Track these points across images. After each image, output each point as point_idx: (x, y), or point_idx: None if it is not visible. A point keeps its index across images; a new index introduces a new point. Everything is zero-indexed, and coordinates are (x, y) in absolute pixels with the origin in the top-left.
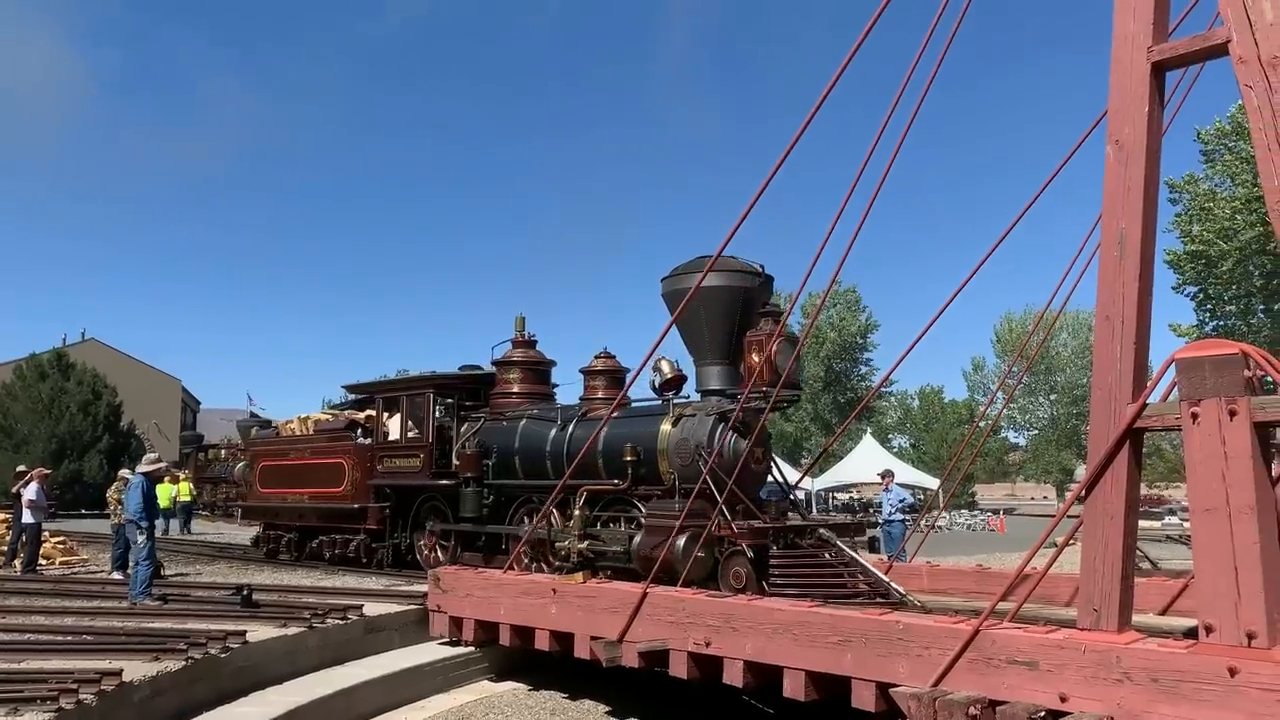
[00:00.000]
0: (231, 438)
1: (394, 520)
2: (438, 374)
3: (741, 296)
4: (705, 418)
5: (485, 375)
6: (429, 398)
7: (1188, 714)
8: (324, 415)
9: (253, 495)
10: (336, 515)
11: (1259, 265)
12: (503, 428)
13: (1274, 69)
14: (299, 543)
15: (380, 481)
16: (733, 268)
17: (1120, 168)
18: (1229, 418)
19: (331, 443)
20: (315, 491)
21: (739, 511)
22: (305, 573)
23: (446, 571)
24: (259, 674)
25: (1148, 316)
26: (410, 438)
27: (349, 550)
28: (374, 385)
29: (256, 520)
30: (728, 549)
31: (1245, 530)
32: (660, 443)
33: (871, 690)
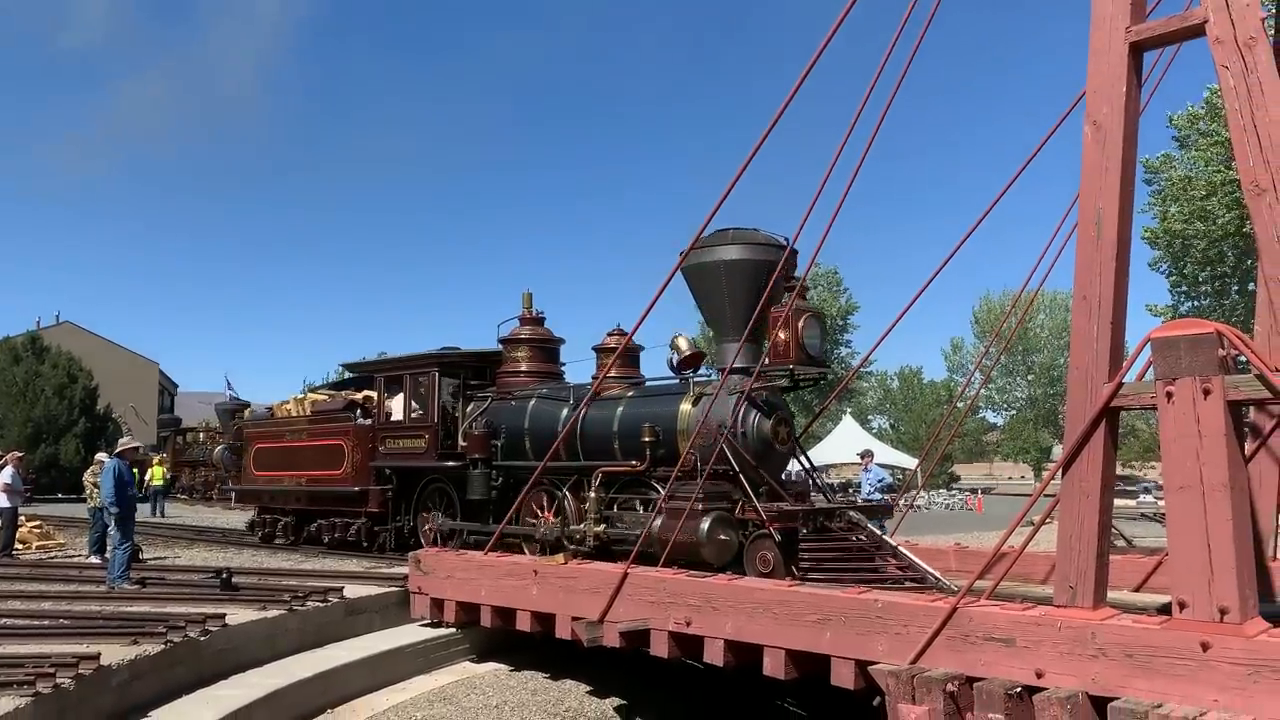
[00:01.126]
0: (210, 421)
1: (396, 503)
2: (443, 351)
3: (765, 270)
4: (727, 396)
5: (491, 353)
6: (434, 376)
7: (1161, 688)
8: (321, 395)
9: (247, 478)
10: (336, 498)
11: (1234, 247)
12: (511, 407)
13: (1250, 49)
14: (296, 526)
15: (382, 463)
16: (755, 240)
17: (1098, 147)
18: (1203, 396)
19: (330, 423)
20: (313, 474)
21: (763, 494)
22: (285, 555)
23: (427, 553)
24: (239, 657)
25: (1124, 296)
26: (414, 418)
27: (349, 534)
28: (376, 364)
29: (251, 504)
30: (753, 532)
31: (1218, 508)
32: (680, 422)
33: (851, 668)
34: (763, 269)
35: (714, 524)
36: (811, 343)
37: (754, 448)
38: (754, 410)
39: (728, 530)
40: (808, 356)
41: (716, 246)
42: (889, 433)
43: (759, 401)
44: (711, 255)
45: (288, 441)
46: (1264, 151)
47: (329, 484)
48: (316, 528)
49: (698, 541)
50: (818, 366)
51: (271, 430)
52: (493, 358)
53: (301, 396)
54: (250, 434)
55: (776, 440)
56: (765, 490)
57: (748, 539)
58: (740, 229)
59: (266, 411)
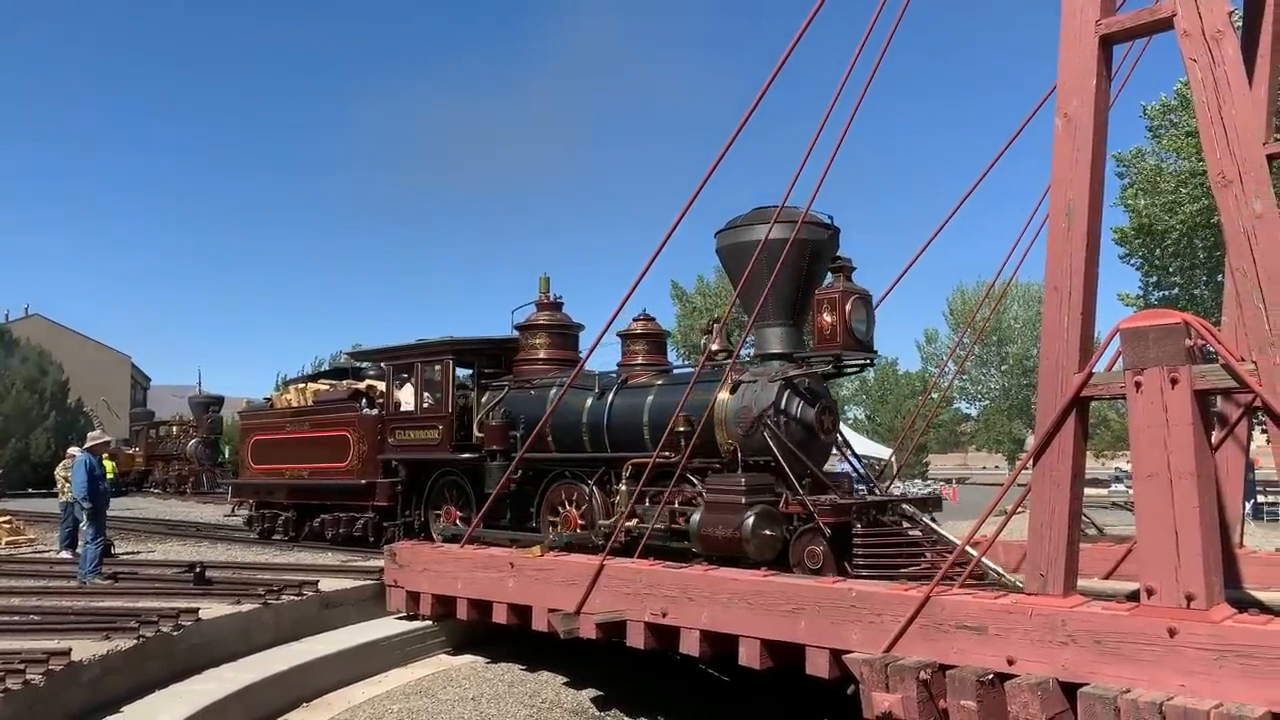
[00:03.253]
0: (183, 415)
1: (406, 497)
2: (457, 338)
3: (809, 250)
4: (769, 383)
5: (507, 340)
6: (448, 364)
7: (1129, 674)
8: (322, 385)
9: (245, 472)
10: (341, 492)
11: (1203, 239)
12: (531, 396)
13: (1217, 42)
14: (297, 522)
15: (392, 456)
16: (798, 218)
17: (1069, 140)
18: (1170, 386)
19: (334, 414)
20: (316, 467)
21: (806, 485)
22: (260, 549)
23: (403, 546)
24: (213, 651)
25: (1094, 287)
26: (426, 408)
27: (355, 529)
28: (383, 351)
29: (248, 499)
30: (799, 527)
31: (1185, 495)
32: (718, 411)
33: (825, 657)
34: (805, 248)
35: (758, 518)
36: (859, 326)
37: (797, 437)
38: (797, 397)
39: (772, 525)
40: (855, 341)
41: (755, 225)
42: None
43: (801, 388)
44: (750, 235)
45: (288, 433)
46: (1230, 144)
47: (333, 477)
48: (320, 523)
49: (741, 537)
50: (865, 351)
51: (271, 422)
52: (509, 345)
53: (302, 386)
54: (248, 426)
55: (821, 429)
56: (808, 482)
57: (793, 534)
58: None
59: (265, 403)
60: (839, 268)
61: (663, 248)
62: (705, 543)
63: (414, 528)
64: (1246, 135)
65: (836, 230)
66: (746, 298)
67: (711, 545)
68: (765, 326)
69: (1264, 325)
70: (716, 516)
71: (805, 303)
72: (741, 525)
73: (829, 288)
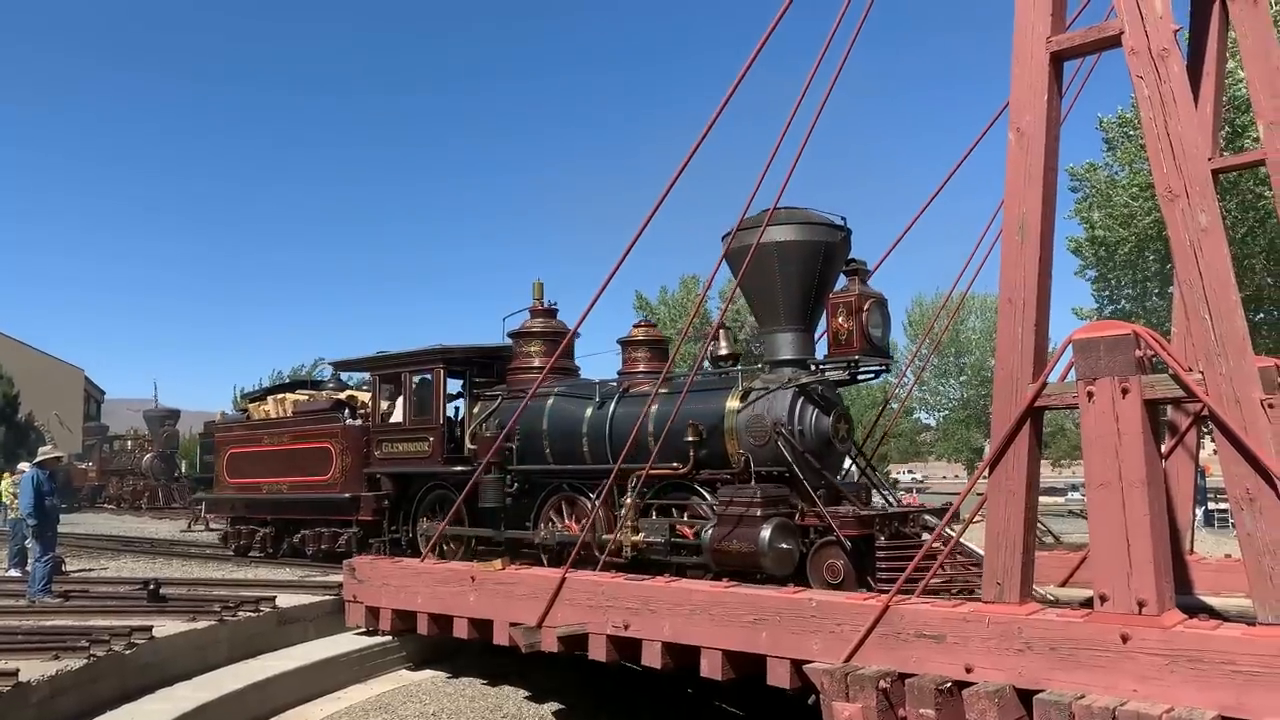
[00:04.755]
0: (138, 429)
1: (393, 512)
2: (448, 346)
3: (821, 252)
4: (781, 391)
5: (500, 349)
6: (438, 374)
7: (1084, 680)
8: (301, 395)
9: (220, 486)
10: (323, 506)
11: (1155, 252)
12: (527, 406)
13: (1163, 60)
14: (276, 537)
15: (380, 469)
16: (809, 220)
17: (1021, 154)
18: (1121, 395)
19: (315, 425)
20: (296, 480)
21: (822, 497)
22: (217, 565)
23: (362, 561)
24: (167, 670)
25: (1047, 299)
26: (415, 419)
27: (338, 545)
28: (369, 360)
29: (223, 514)
30: (817, 539)
31: (1137, 503)
32: (727, 420)
33: (786, 667)
34: (818, 251)
35: (776, 531)
36: (875, 331)
37: (812, 447)
38: (811, 406)
39: (789, 538)
40: (871, 346)
41: (768, 227)
42: None
43: (815, 396)
44: (763, 237)
45: (266, 445)
46: (1176, 159)
47: (315, 491)
48: (300, 538)
49: (758, 551)
50: (881, 357)
51: (247, 434)
52: (500, 353)
53: (281, 397)
54: (223, 438)
55: (836, 438)
56: (823, 493)
57: (810, 547)
58: (792, 208)
59: (241, 414)
60: (854, 270)
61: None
62: (718, 557)
63: (401, 544)
64: (1192, 151)
65: (849, 232)
66: (756, 303)
67: (725, 560)
68: (776, 332)
69: (1210, 336)
70: (731, 530)
71: (817, 307)
72: (758, 539)
73: (844, 291)
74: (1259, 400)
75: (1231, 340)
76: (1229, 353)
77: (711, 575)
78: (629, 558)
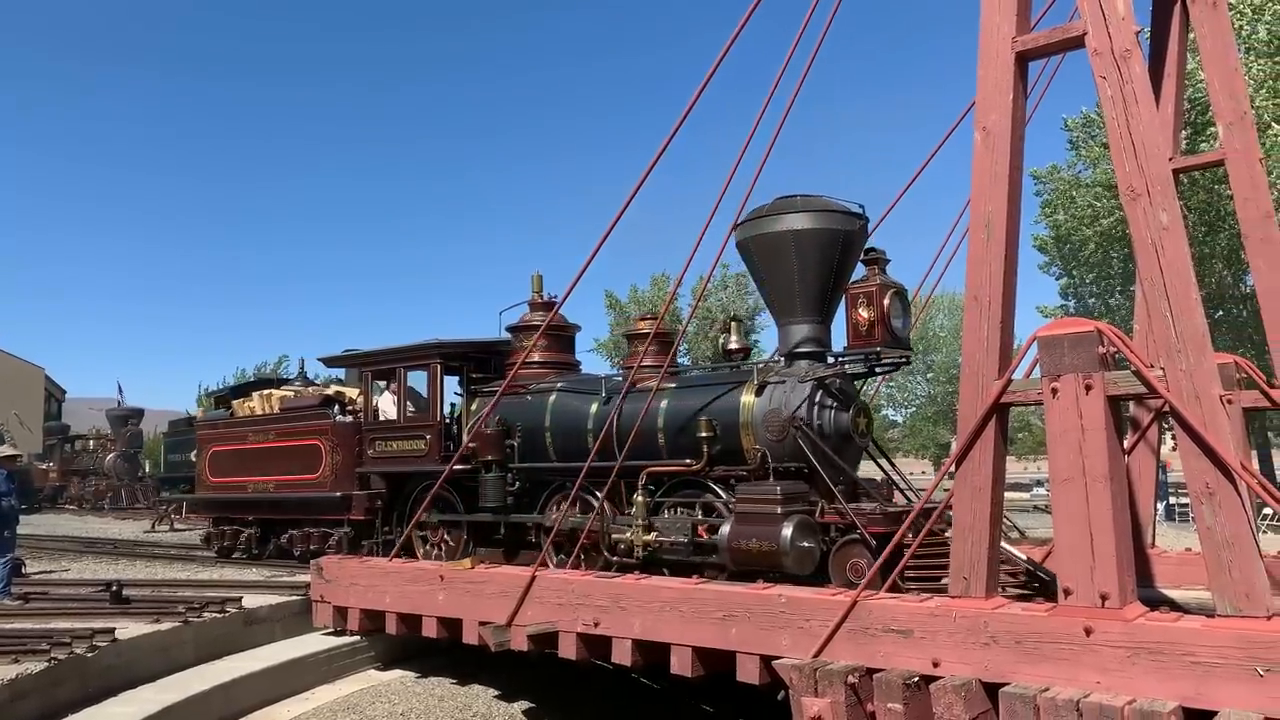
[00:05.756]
0: (100, 428)
1: (387, 512)
2: (445, 341)
3: (840, 241)
4: (799, 384)
5: (498, 343)
6: (435, 369)
7: (1048, 673)
8: (286, 392)
9: (202, 486)
10: (312, 505)
11: (1118, 251)
12: (527, 402)
13: (1125, 61)
14: (261, 538)
15: (374, 469)
16: (828, 207)
17: (987, 153)
18: (1085, 392)
19: (304, 422)
20: (283, 479)
21: (841, 493)
22: (182, 566)
23: (329, 561)
24: (131, 672)
25: (1013, 297)
26: (411, 416)
27: (328, 545)
28: (362, 356)
29: (206, 515)
30: (838, 538)
31: (1100, 498)
32: (742, 415)
33: (756, 663)
34: (837, 239)
35: (797, 529)
36: (897, 322)
37: (831, 442)
38: (830, 399)
39: (810, 536)
40: (893, 338)
41: (784, 215)
42: None
43: (833, 389)
44: (778, 225)
45: (251, 443)
46: (1139, 158)
47: (304, 489)
48: (287, 539)
49: (779, 549)
50: (902, 349)
51: (232, 431)
52: (498, 348)
53: (267, 393)
54: (205, 436)
55: (856, 433)
56: (842, 489)
57: (831, 545)
58: (809, 196)
59: (225, 411)
60: (874, 260)
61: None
62: (736, 556)
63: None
64: (1153, 151)
65: (867, 220)
66: (771, 293)
67: (744, 559)
68: (792, 324)
69: (1171, 333)
70: (749, 528)
71: (834, 298)
72: (779, 537)
73: (863, 281)
74: (1218, 396)
75: (1192, 337)
76: (1189, 349)
77: (727, 575)
78: (640, 558)
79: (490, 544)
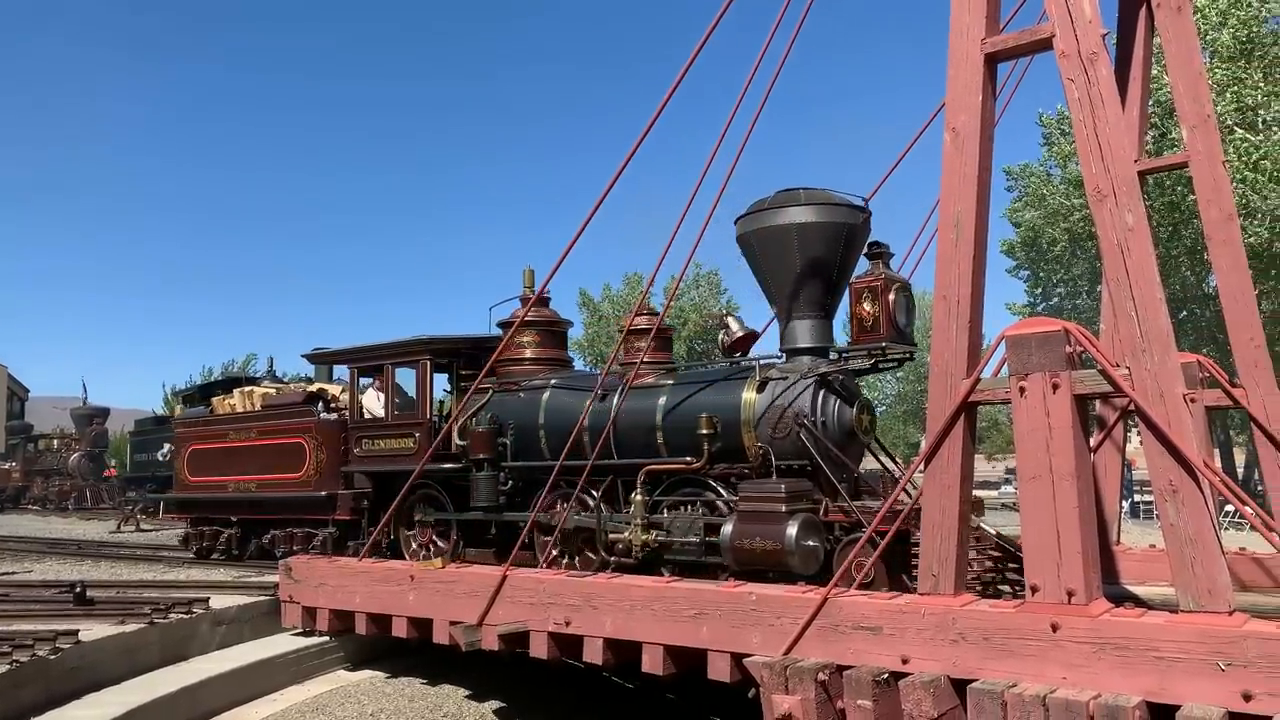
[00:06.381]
0: (64, 427)
1: (374, 512)
2: (435, 337)
3: (844, 235)
4: (802, 381)
5: (489, 339)
6: (425, 366)
7: (1015, 669)
8: (269, 389)
9: (180, 486)
10: (296, 505)
11: (1084, 250)
12: (520, 400)
13: (1093, 63)
14: (242, 539)
15: (360, 468)
16: (829, 200)
17: (957, 154)
18: (1052, 390)
19: (287, 419)
20: (266, 478)
21: (844, 492)
22: (148, 567)
23: (298, 561)
24: (94, 674)
25: (981, 296)
26: (399, 414)
27: (312, 546)
28: (348, 352)
29: (184, 515)
30: (841, 537)
31: (1066, 496)
32: (743, 412)
33: (727, 661)
34: (840, 233)
35: (802, 528)
36: (901, 317)
37: (835, 439)
38: (833, 396)
39: (815, 535)
40: (898, 333)
41: (786, 208)
42: None
43: (837, 386)
44: (780, 218)
45: (233, 441)
46: (1105, 160)
47: (287, 489)
48: (270, 539)
49: (785, 549)
50: (906, 344)
51: (212, 430)
52: (489, 344)
53: (248, 390)
54: (184, 434)
55: (860, 430)
56: (846, 487)
57: (835, 544)
58: (811, 189)
59: (205, 409)
60: (878, 254)
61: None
62: (739, 555)
63: (381, 546)
64: (1120, 152)
65: (869, 213)
66: (772, 288)
67: (747, 559)
68: (793, 319)
69: (1136, 332)
70: (753, 527)
71: (837, 293)
72: (784, 536)
73: (867, 275)
74: (1182, 395)
75: (1157, 337)
76: (1154, 349)
77: (728, 575)
78: (639, 558)
79: (482, 545)
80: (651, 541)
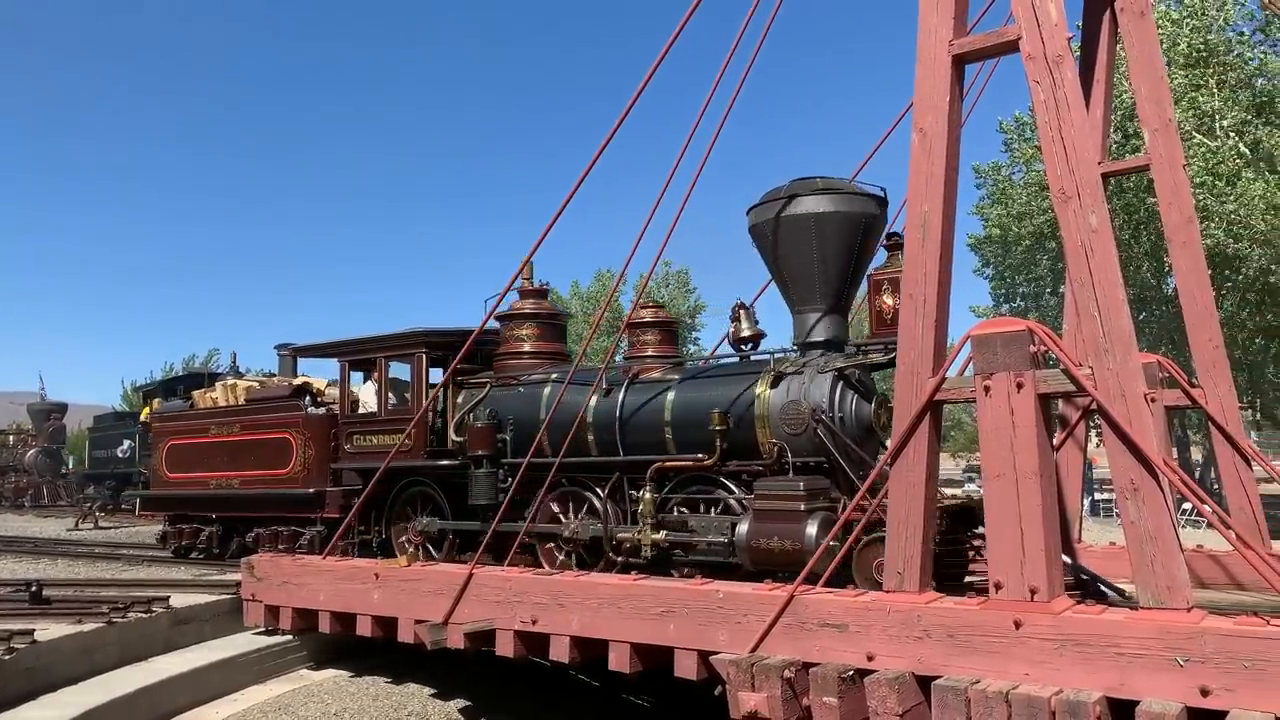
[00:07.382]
0: (21, 423)
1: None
2: (431, 329)
3: (862, 225)
4: (819, 375)
5: (487, 333)
6: (421, 359)
7: (979, 665)
8: (252, 382)
9: (158, 482)
10: (282, 502)
11: (1048, 251)
12: (520, 395)
13: (1058, 66)
14: (224, 537)
15: (351, 464)
16: (849, 189)
17: (924, 154)
18: (1016, 390)
19: (273, 413)
20: (250, 475)
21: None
22: (106, 565)
23: (261, 559)
24: (51, 675)
25: (947, 296)
26: (393, 409)
27: (298, 545)
28: (339, 345)
29: (162, 513)
30: (863, 536)
31: (1030, 494)
32: (758, 407)
33: (694, 659)
34: (858, 223)
35: (822, 528)
36: None
37: (853, 435)
38: (851, 391)
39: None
40: None
41: (803, 197)
42: None
43: (854, 381)
44: (798, 208)
45: (214, 436)
46: (1069, 162)
47: (273, 485)
48: (254, 538)
49: (804, 548)
50: None
51: (192, 424)
52: (489, 338)
53: (232, 384)
54: (162, 429)
55: (879, 426)
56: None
57: (856, 543)
58: (829, 178)
59: (185, 403)
60: (897, 244)
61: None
62: (756, 555)
63: (372, 545)
64: (1084, 154)
65: (887, 203)
66: (787, 280)
67: (765, 559)
68: (808, 312)
69: (1099, 332)
70: (770, 526)
71: (853, 285)
72: (804, 535)
73: (886, 267)
74: (1143, 395)
75: (1119, 337)
76: (1116, 349)
77: (743, 575)
78: (648, 558)
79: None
80: (662, 541)
